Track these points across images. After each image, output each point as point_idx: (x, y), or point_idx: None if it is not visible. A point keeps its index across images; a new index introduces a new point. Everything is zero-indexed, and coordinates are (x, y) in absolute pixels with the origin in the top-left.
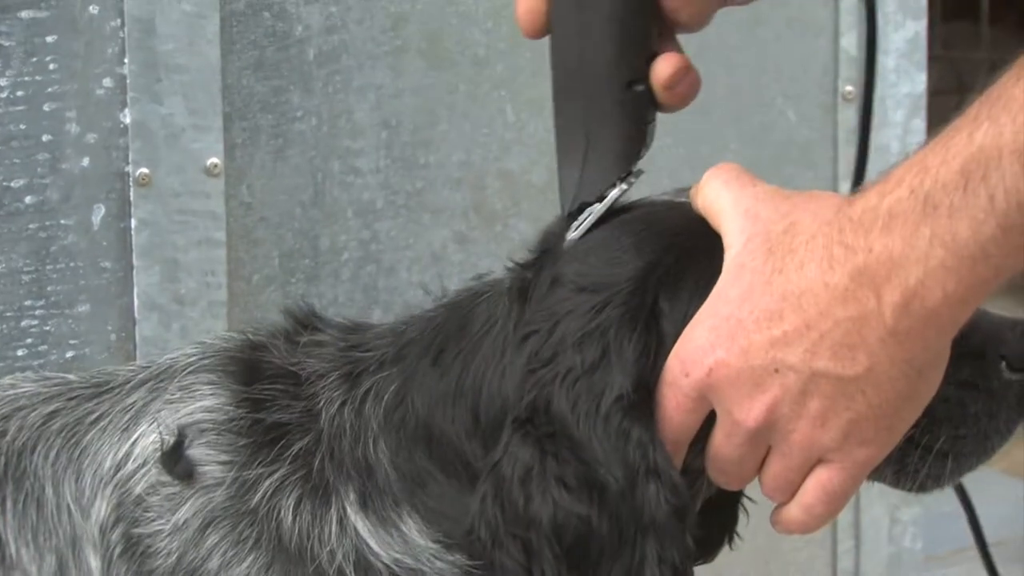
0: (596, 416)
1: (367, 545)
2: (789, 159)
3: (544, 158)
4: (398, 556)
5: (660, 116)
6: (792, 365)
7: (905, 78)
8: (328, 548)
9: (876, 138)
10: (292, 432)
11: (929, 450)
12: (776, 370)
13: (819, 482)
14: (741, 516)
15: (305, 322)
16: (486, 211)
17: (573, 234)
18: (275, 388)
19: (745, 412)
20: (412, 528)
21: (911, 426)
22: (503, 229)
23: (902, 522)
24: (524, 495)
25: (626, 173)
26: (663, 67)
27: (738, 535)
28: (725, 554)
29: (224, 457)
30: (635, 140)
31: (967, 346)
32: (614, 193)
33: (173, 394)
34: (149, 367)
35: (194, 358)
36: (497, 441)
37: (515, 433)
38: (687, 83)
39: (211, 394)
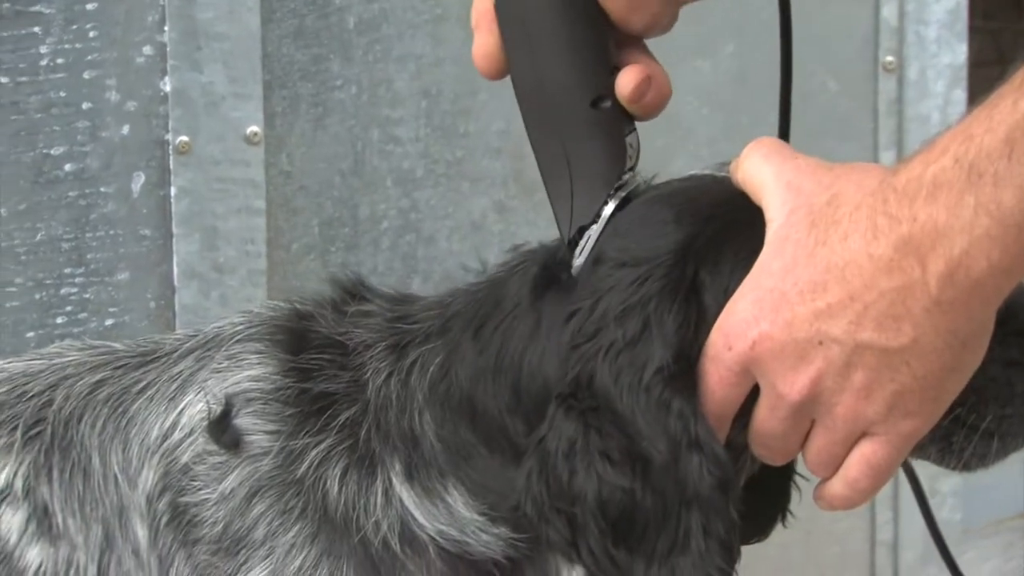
0: (638, 389)
1: (412, 516)
2: (829, 129)
3: None
4: (443, 528)
5: (697, 85)
6: (836, 337)
7: (946, 48)
8: (373, 519)
9: (917, 109)
10: (339, 402)
11: (975, 429)
12: (820, 342)
13: (863, 456)
14: (793, 493)
15: (352, 292)
16: (525, 180)
17: (578, 260)
18: (322, 358)
19: (789, 385)
20: (457, 500)
21: (958, 404)
22: (543, 198)
23: (941, 493)
24: (568, 470)
25: (614, 189)
26: (625, 81)
27: (791, 513)
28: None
29: (271, 427)
30: (616, 156)
31: (1015, 325)
32: (607, 210)
33: (220, 363)
34: (196, 336)
35: (241, 327)
36: (540, 418)
37: (559, 408)
38: (654, 93)
39: (258, 363)
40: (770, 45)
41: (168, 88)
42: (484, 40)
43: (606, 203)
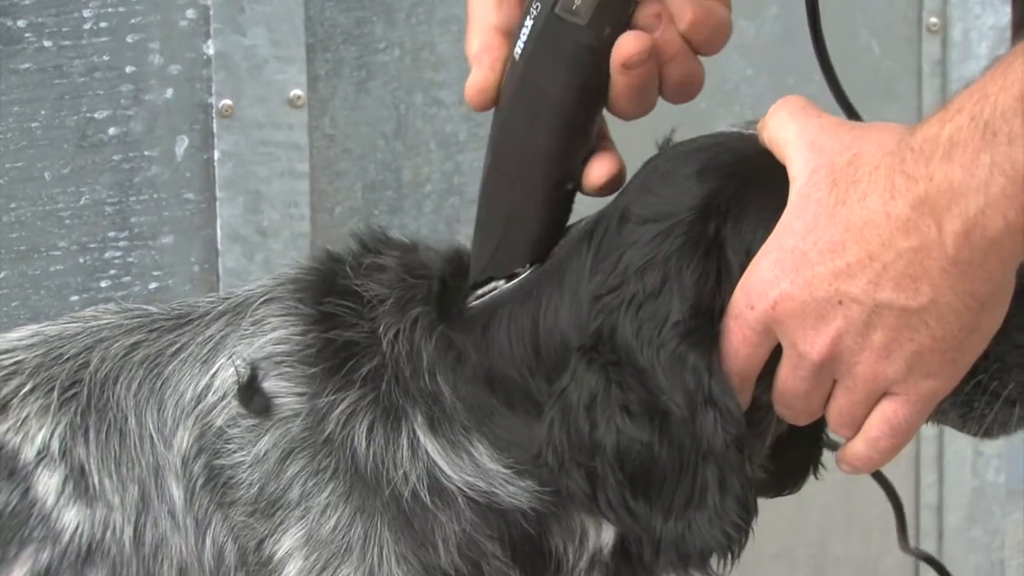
0: (657, 343)
1: (439, 468)
2: (873, 91)
3: None
4: (470, 479)
5: (741, 45)
6: (855, 297)
7: (990, 10)
8: (402, 471)
9: (960, 71)
10: (361, 353)
11: (997, 396)
12: (840, 302)
13: (884, 415)
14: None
15: (370, 245)
16: None
17: (475, 302)
18: (343, 306)
19: (810, 344)
20: (483, 453)
21: (980, 370)
22: None
23: (985, 455)
24: (589, 422)
25: (538, 260)
26: (597, 173)
27: (823, 466)
28: (809, 486)
29: (299, 388)
30: (553, 233)
31: None
32: (524, 276)
33: (247, 329)
34: (227, 299)
35: (265, 288)
36: (560, 373)
37: (581, 360)
38: (616, 183)
39: (281, 325)
40: None
41: (211, 51)
42: (485, 76)
43: (525, 268)
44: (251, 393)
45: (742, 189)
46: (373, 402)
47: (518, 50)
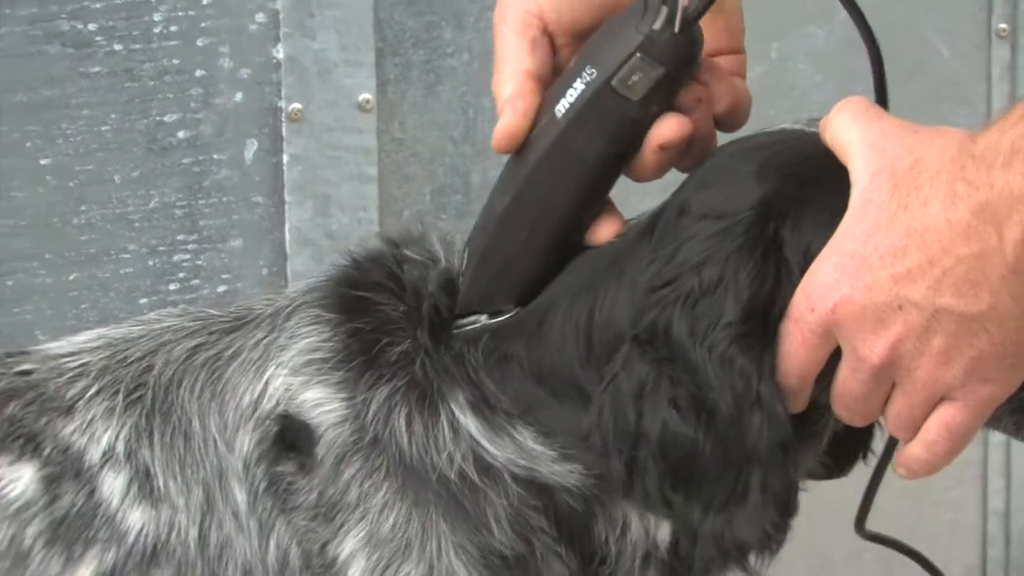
0: (709, 341)
1: (482, 447)
2: (942, 96)
3: None
4: (512, 457)
5: (810, 51)
6: (915, 302)
7: None
8: (446, 453)
9: None
10: (388, 335)
11: None
12: (900, 307)
13: (942, 419)
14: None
15: (408, 241)
16: None
17: (462, 322)
18: (369, 299)
19: (869, 348)
20: (527, 437)
21: None
22: None
23: None
24: (636, 411)
25: (524, 303)
26: (604, 233)
27: (872, 451)
28: (878, 495)
29: (340, 393)
30: (545, 280)
31: None
32: (508, 316)
33: (283, 341)
34: (272, 303)
35: (298, 294)
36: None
37: (633, 349)
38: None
39: (310, 333)
40: (883, 13)
41: (281, 55)
42: (518, 124)
43: (512, 310)
44: (287, 446)
45: (802, 190)
46: (408, 391)
47: (561, 108)
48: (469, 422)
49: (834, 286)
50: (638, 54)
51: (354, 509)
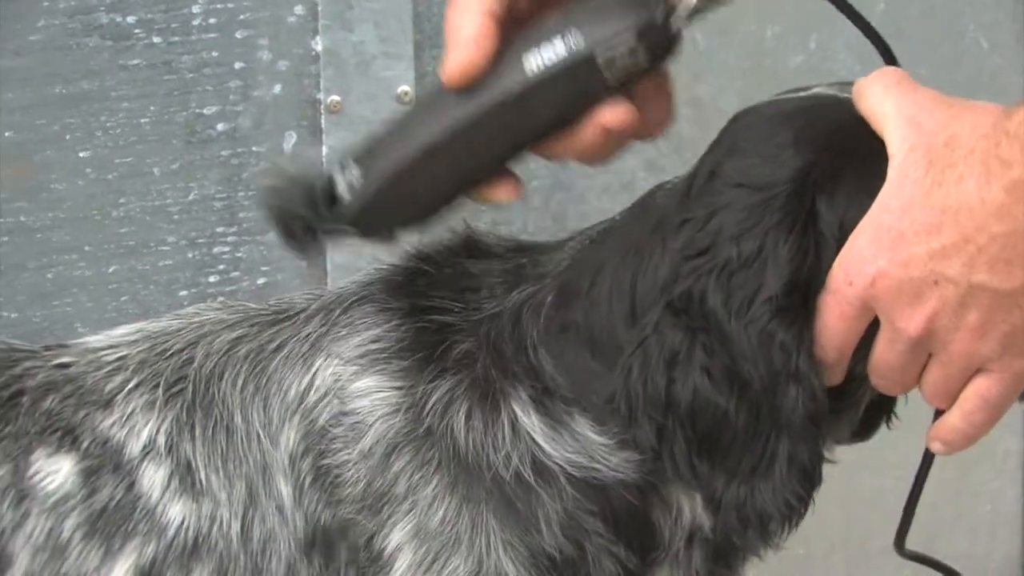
0: (746, 315)
1: (540, 448)
2: (980, 88)
3: (735, 83)
4: (571, 456)
5: (849, 40)
6: (951, 278)
7: None
8: (503, 452)
9: None
10: (454, 335)
11: None
12: (935, 282)
13: (977, 391)
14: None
15: (465, 238)
16: (676, 138)
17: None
18: (433, 295)
19: (906, 321)
20: (584, 426)
21: None
22: (692, 156)
23: None
24: (668, 378)
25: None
26: (501, 193)
27: (895, 415)
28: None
29: (397, 383)
30: (429, 218)
31: None
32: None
33: (340, 331)
34: (322, 296)
35: (357, 286)
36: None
37: (666, 314)
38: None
39: (375, 324)
40: (923, 3)
41: (319, 48)
42: (476, 64)
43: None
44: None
45: (838, 162)
46: (470, 387)
47: (533, 65)
48: (532, 422)
49: (871, 259)
50: (633, 38)
51: (402, 501)
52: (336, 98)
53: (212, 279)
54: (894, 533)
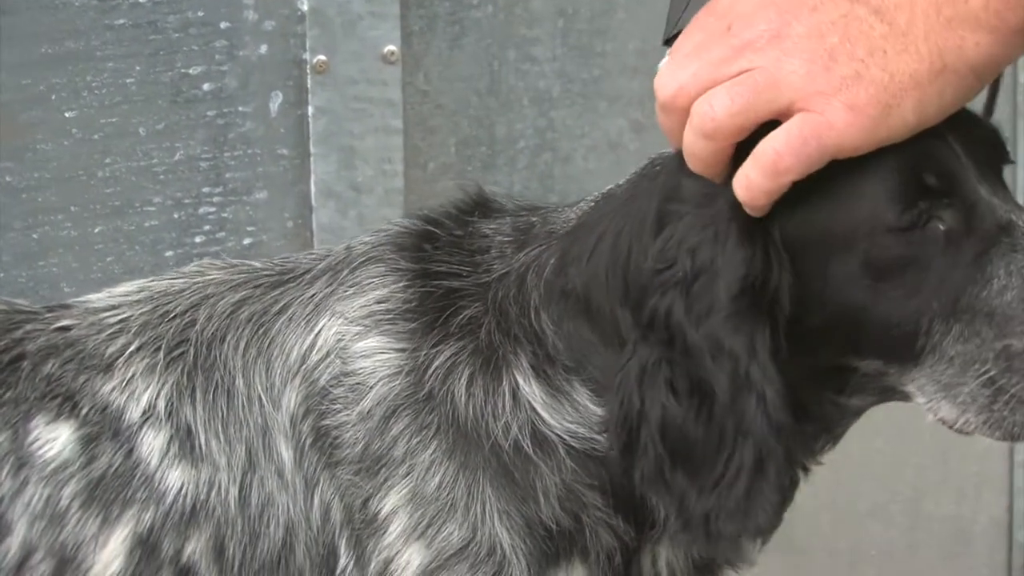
0: (705, 325)
1: (540, 417)
2: None
3: None
4: (570, 426)
5: None
6: None
7: None
8: (503, 421)
9: None
10: (462, 299)
11: (1013, 396)
12: None
13: None
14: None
15: (476, 199)
16: None
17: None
18: (444, 259)
19: None
20: (584, 396)
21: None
22: None
23: None
24: (639, 397)
25: None
26: None
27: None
28: (904, 446)
29: (400, 344)
30: None
31: None
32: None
33: (347, 290)
34: (328, 256)
35: (367, 247)
36: (641, 312)
37: (638, 336)
38: None
39: (381, 284)
40: None
41: (305, 7)
42: None
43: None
44: None
45: None
46: (473, 353)
47: None
48: (533, 390)
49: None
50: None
51: (399, 464)
52: (322, 58)
53: (198, 239)
54: (881, 495)
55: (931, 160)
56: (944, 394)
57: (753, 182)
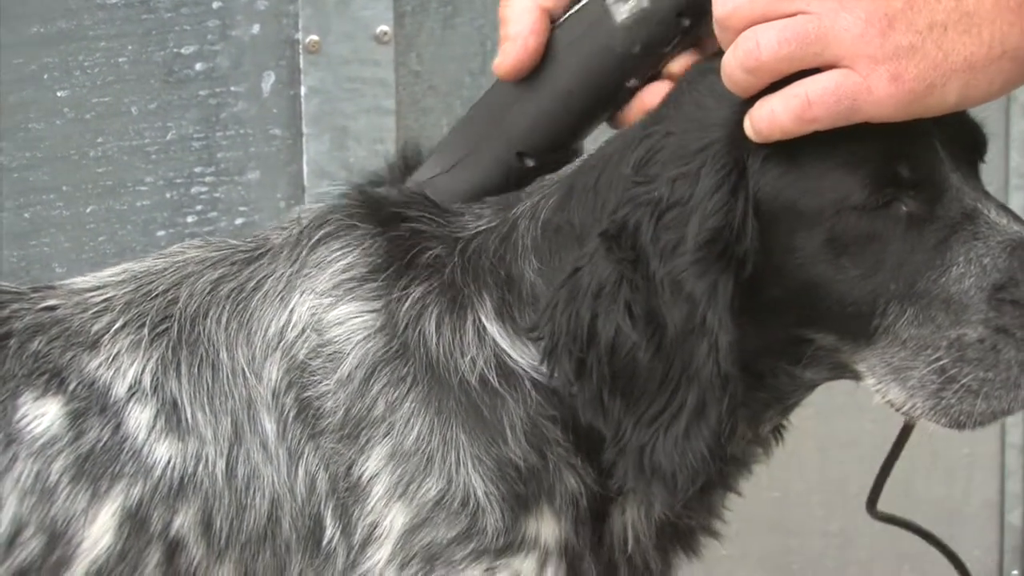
0: (670, 259)
1: (506, 353)
2: None
3: None
4: (535, 363)
5: None
6: None
7: None
8: (469, 356)
9: None
10: (427, 240)
11: (961, 385)
12: None
13: None
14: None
15: (405, 157)
16: None
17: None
18: (403, 212)
19: None
20: None
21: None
22: None
23: None
24: (592, 311)
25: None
26: None
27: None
28: (895, 429)
29: (371, 305)
30: (498, 191)
31: (1014, 293)
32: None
33: (309, 270)
34: (288, 227)
35: (317, 220)
36: (610, 219)
37: (600, 246)
38: None
39: (343, 255)
40: None
41: None
42: (523, 61)
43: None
44: None
45: None
46: (440, 292)
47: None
48: (494, 329)
49: None
50: None
51: (380, 424)
52: (315, 38)
53: (190, 219)
54: (872, 477)
55: (908, 153)
56: (894, 377)
57: (777, 118)
